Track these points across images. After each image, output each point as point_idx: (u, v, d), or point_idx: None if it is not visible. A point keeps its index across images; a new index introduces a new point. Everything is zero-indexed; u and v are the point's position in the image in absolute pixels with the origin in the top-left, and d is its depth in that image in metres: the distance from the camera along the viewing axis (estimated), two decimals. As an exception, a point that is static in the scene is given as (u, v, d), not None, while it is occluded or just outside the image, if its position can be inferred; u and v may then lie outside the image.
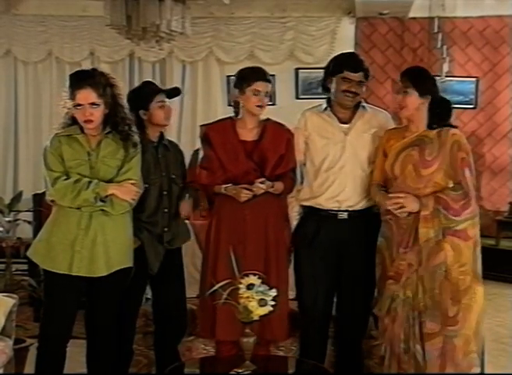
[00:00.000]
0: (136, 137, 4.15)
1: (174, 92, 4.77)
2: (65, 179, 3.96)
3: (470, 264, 4.09)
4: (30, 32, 9.54)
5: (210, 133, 4.50)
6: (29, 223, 6.00)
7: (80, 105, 3.98)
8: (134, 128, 4.16)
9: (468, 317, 4.08)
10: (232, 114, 4.58)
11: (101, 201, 3.96)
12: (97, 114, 4.00)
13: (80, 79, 4.04)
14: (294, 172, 4.55)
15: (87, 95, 3.97)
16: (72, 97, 3.99)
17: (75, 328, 4.10)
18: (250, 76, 4.44)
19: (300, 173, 4.60)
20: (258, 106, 4.41)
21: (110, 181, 4.02)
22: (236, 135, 4.47)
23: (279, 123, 4.55)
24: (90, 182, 3.95)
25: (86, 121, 3.99)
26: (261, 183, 4.32)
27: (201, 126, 4.66)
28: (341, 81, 4.40)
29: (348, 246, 4.41)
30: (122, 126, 4.08)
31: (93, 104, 3.97)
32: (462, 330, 4.08)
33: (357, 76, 4.39)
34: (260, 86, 4.40)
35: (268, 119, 4.53)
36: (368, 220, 4.44)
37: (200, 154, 4.55)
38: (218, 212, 4.49)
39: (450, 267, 4.06)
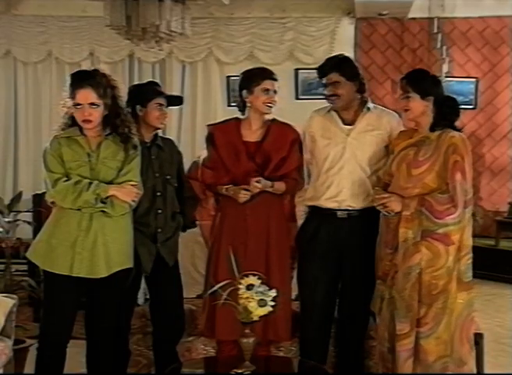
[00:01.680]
0: (136, 140, 4.15)
1: (176, 101, 4.79)
2: (66, 180, 3.97)
3: (446, 269, 4.03)
4: (30, 32, 9.56)
5: (215, 133, 4.52)
6: (29, 223, 5.98)
7: (79, 104, 3.98)
8: (134, 130, 4.16)
9: (442, 321, 4.04)
10: (238, 114, 4.59)
11: (102, 202, 3.96)
12: (97, 114, 4.00)
13: (81, 78, 4.04)
14: (300, 172, 4.55)
15: (87, 95, 3.98)
16: (72, 96, 3.99)
17: (75, 328, 4.09)
18: (258, 75, 4.48)
19: (307, 172, 4.61)
20: (268, 105, 4.43)
21: (110, 183, 4.02)
22: (240, 136, 4.48)
23: (285, 124, 4.56)
24: (90, 183, 3.95)
25: (84, 121, 3.99)
26: (257, 182, 4.33)
27: (208, 125, 4.68)
28: (323, 87, 4.50)
29: (348, 245, 4.41)
30: (122, 129, 4.08)
31: (92, 104, 3.97)
32: (433, 333, 4.04)
33: (328, 78, 4.44)
34: (269, 84, 4.43)
35: (273, 120, 4.54)
36: (369, 220, 4.42)
37: (205, 153, 4.56)
38: (221, 212, 4.51)
39: (424, 270, 4.03)
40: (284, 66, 9.47)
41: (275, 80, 4.48)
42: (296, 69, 9.65)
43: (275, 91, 4.46)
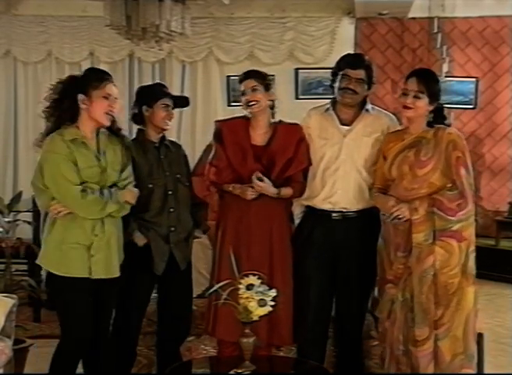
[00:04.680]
0: (127, 137, 4.24)
1: (182, 102, 4.78)
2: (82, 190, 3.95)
3: (460, 266, 4.05)
4: (30, 32, 9.53)
5: (223, 130, 4.49)
6: (28, 223, 5.97)
7: (109, 96, 4.01)
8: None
9: (456, 319, 4.06)
10: (239, 115, 4.59)
11: None
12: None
13: (107, 73, 4.15)
14: (306, 173, 4.50)
15: (115, 89, 4.06)
16: (99, 88, 4.00)
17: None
18: (239, 80, 4.49)
19: None
20: (249, 105, 4.40)
21: (114, 185, 4.06)
22: (248, 137, 4.45)
23: (291, 124, 4.52)
24: (109, 192, 3.99)
25: (109, 113, 4.03)
26: (259, 179, 4.31)
27: (216, 121, 4.66)
28: (341, 79, 4.41)
29: (343, 247, 4.40)
30: (116, 124, 4.16)
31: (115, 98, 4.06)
32: (449, 332, 4.06)
33: (356, 73, 4.39)
34: (244, 85, 4.42)
35: (280, 121, 4.51)
36: (364, 221, 4.43)
37: (212, 151, 4.55)
38: (224, 214, 4.50)
39: (439, 271, 4.03)
40: (284, 66, 9.48)
41: (256, 77, 4.43)
42: (296, 69, 9.63)
43: (254, 88, 4.40)
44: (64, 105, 4.08)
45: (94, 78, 4.05)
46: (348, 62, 4.46)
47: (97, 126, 4.07)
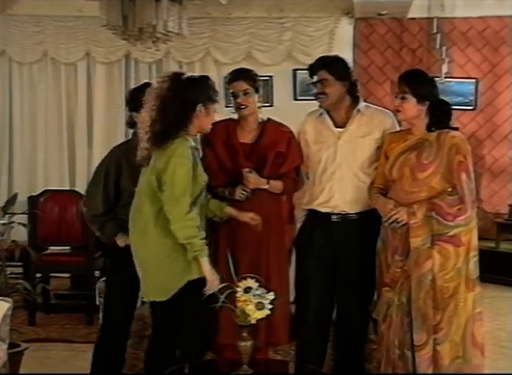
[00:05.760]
0: None
1: None
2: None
3: (456, 271, 4.03)
4: (25, 32, 9.51)
5: (211, 133, 4.46)
6: (24, 225, 5.95)
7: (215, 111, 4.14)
8: None
9: (454, 323, 4.04)
10: (232, 115, 4.56)
11: None
12: None
13: None
14: (298, 171, 4.52)
15: None
16: (215, 102, 4.09)
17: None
18: (228, 79, 4.47)
19: (304, 173, 4.58)
20: (239, 107, 4.39)
21: None
22: (236, 137, 4.45)
23: (279, 123, 4.53)
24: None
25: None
26: (249, 172, 4.28)
27: None
28: (314, 85, 4.46)
29: (343, 248, 4.39)
30: None
31: None
32: (447, 337, 4.04)
33: (318, 76, 4.41)
34: (235, 86, 4.41)
35: (268, 120, 4.50)
36: (364, 223, 4.41)
37: (200, 155, 4.51)
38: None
39: (436, 275, 4.02)
40: (282, 67, 9.48)
41: (246, 79, 4.43)
42: (295, 70, 9.58)
43: (246, 92, 4.39)
44: (179, 110, 3.97)
45: (213, 92, 4.10)
46: (309, 68, 4.50)
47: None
